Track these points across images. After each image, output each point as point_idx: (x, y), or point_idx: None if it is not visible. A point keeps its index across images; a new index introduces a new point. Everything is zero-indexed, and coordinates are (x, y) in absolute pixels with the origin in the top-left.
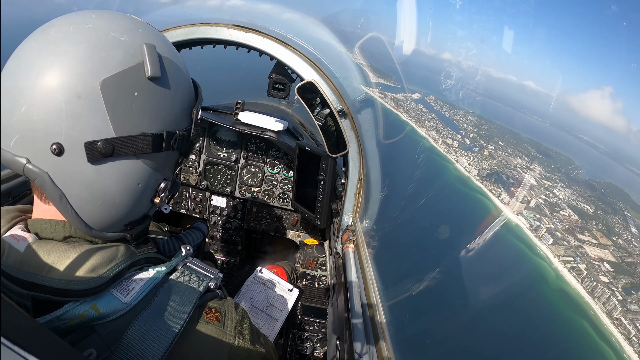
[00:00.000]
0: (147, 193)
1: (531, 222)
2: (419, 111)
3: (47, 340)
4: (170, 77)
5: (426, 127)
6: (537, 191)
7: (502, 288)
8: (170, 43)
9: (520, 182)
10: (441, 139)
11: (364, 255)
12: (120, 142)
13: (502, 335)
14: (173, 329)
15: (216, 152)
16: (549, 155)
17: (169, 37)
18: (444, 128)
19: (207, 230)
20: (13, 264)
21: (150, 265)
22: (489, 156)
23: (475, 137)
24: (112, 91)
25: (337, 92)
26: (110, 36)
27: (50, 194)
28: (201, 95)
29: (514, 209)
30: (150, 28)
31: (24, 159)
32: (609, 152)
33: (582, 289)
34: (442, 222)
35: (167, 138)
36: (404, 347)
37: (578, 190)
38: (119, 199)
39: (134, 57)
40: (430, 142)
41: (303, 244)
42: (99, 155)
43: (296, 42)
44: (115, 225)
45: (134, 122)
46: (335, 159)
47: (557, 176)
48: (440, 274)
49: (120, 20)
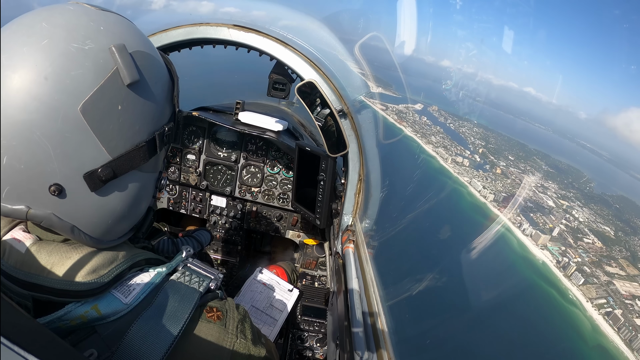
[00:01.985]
0: (149, 194)
1: (557, 257)
2: (424, 124)
3: (48, 340)
4: (148, 73)
5: (433, 143)
6: (557, 215)
7: (534, 347)
8: (135, 28)
9: (538, 205)
10: (450, 156)
11: (364, 255)
12: (118, 162)
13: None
14: (174, 329)
15: (216, 152)
16: (559, 168)
17: (169, 37)
18: (451, 143)
19: (208, 239)
20: (14, 264)
21: (151, 266)
22: (501, 175)
23: (485, 152)
24: (95, 113)
25: (337, 92)
26: (74, 49)
27: (60, 230)
28: (175, 73)
29: (539, 242)
30: (110, 18)
31: (24, 207)
32: (612, 159)
33: (621, 341)
34: (466, 268)
35: (159, 139)
36: (404, 347)
37: (595, 209)
38: (127, 211)
39: (106, 67)
40: (439, 161)
41: (303, 244)
42: (101, 183)
43: (296, 42)
44: (124, 230)
45: (126, 137)
46: (335, 159)
47: (572, 193)
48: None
49: (76, 21)
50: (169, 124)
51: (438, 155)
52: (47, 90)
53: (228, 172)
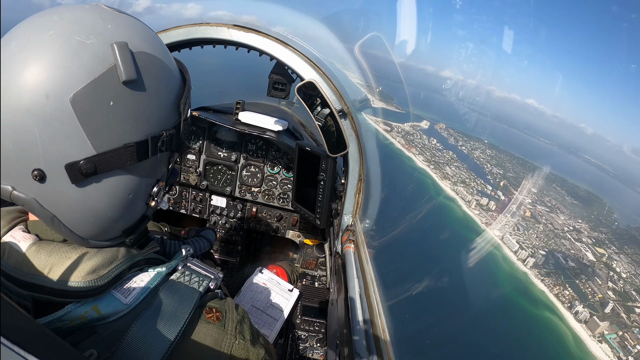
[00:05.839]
0: (139, 200)
1: (616, 348)
2: (434, 148)
3: (48, 340)
4: (150, 75)
5: (450, 177)
6: (601, 275)
7: None
8: (148, 31)
9: (580, 263)
10: (472, 196)
11: (364, 255)
12: (102, 158)
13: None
14: (174, 329)
15: (216, 152)
16: (580, 196)
17: (169, 37)
18: (468, 174)
19: (214, 238)
20: (14, 264)
21: (151, 266)
22: (532, 219)
23: (506, 185)
24: (85, 105)
25: (337, 92)
26: (75, 41)
27: (41, 217)
28: (189, 82)
29: (595, 332)
30: (121, 19)
31: (9, 187)
32: (618, 175)
33: None
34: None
35: (153, 143)
36: (404, 347)
37: (629, 252)
38: (110, 212)
39: (104, 62)
40: (462, 207)
41: (303, 244)
42: (82, 176)
43: (296, 42)
44: (112, 233)
45: (114, 134)
46: (335, 159)
47: (604, 234)
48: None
49: (86, 18)
50: (170, 130)
51: (459, 197)
52: (42, 77)
53: (228, 172)
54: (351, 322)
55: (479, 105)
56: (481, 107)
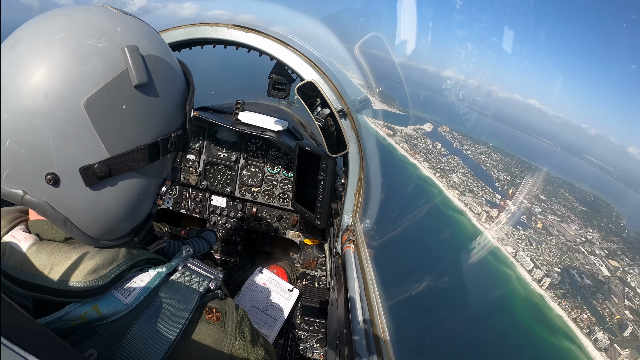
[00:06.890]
0: (149, 199)
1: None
2: (439, 154)
3: (48, 340)
4: (159, 78)
5: (457, 186)
6: (617, 292)
7: None
8: (154, 33)
9: (596, 280)
10: (481, 207)
11: (364, 255)
12: (116, 161)
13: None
14: (174, 329)
15: (216, 152)
16: (587, 202)
17: (169, 37)
18: (476, 182)
19: (215, 240)
20: (14, 264)
21: (151, 266)
22: (543, 231)
23: (515, 192)
24: (98, 109)
25: (337, 92)
26: (87, 45)
27: (53, 221)
28: (193, 83)
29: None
30: (129, 21)
31: (21, 191)
32: (621, 177)
33: None
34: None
35: (163, 144)
36: (405, 347)
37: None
38: (122, 212)
39: (116, 66)
40: (471, 220)
41: (303, 244)
42: (96, 179)
43: (296, 42)
44: (121, 232)
45: (127, 137)
46: (335, 159)
47: (615, 245)
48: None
49: (95, 20)
50: (177, 131)
51: (467, 208)
52: (55, 81)
53: (228, 172)
54: (351, 322)
55: (480, 105)
56: (483, 107)
